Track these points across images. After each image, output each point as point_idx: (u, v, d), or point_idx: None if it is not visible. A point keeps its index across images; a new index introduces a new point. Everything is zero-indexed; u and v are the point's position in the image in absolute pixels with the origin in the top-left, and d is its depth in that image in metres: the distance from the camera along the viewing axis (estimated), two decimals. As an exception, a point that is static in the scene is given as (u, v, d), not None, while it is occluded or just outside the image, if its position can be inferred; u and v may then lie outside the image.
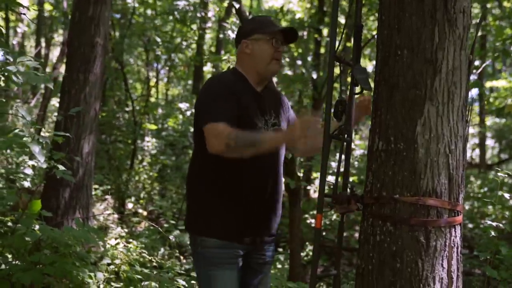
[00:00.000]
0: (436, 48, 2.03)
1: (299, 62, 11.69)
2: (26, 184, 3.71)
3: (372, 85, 2.20)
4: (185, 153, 11.00)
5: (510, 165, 18.37)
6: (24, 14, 3.10)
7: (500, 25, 12.61)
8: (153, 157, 10.31)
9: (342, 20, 9.37)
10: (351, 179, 6.76)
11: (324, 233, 8.40)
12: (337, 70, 2.35)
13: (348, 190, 2.26)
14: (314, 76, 9.32)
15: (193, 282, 4.25)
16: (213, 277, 2.43)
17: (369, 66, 12.85)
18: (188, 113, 10.20)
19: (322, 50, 12.03)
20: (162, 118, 12.17)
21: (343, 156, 2.30)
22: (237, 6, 4.32)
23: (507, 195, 3.38)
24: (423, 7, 2.04)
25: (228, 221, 2.42)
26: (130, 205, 8.66)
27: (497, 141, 19.85)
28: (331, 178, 6.93)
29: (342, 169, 2.31)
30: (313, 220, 8.24)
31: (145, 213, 8.43)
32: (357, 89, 2.27)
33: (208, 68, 13.90)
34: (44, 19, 15.16)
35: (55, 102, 13.00)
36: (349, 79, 2.34)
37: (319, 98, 8.89)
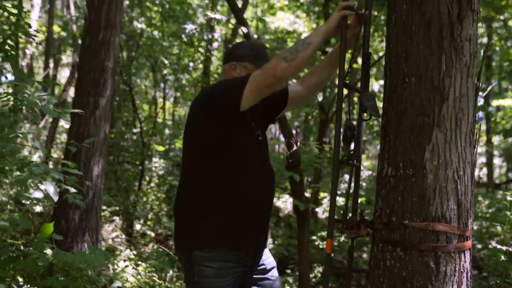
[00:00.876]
0: (443, 76, 2.07)
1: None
2: (37, 208, 3.74)
3: (381, 111, 2.24)
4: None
5: (518, 184, 18.30)
6: (33, 39, 3.17)
7: (506, 45, 12.66)
8: (160, 178, 10.36)
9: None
10: (359, 200, 6.76)
11: (332, 254, 8.38)
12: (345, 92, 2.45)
13: (357, 215, 2.28)
14: (320, 98, 9.37)
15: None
16: None
17: (376, 85, 12.90)
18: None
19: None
20: (170, 138, 12.24)
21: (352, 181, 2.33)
22: (245, 30, 4.39)
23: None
24: (430, 35, 2.08)
25: (240, 225, 2.42)
26: (138, 227, 8.68)
27: (505, 160, 19.82)
28: (339, 200, 6.95)
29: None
30: (321, 242, 8.23)
31: (153, 235, 8.45)
32: (366, 115, 2.30)
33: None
34: (52, 40, 15.34)
35: (63, 123, 13.10)
36: (354, 98, 2.38)
37: (326, 119, 8.93)
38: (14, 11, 3.68)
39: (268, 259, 2.65)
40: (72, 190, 3.60)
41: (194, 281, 2.45)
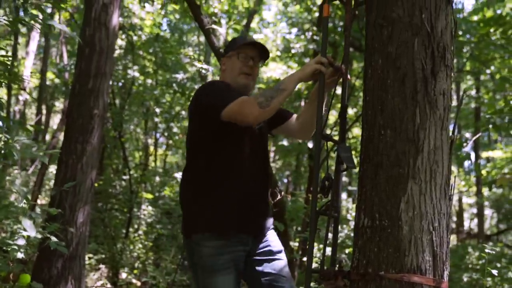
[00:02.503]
0: (418, 128, 2.11)
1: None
2: (19, 255, 3.71)
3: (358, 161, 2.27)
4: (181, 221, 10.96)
5: (509, 236, 18.24)
6: (24, 89, 3.21)
7: (494, 97, 12.86)
8: (148, 226, 10.27)
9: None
10: (346, 250, 6.72)
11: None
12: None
13: (335, 265, 2.28)
14: (310, 145, 9.42)
15: None
16: (211, 285, 2.49)
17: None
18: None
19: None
20: (159, 186, 12.20)
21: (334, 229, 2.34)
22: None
23: (494, 271, 3.38)
24: (405, 89, 2.13)
25: (226, 212, 2.52)
26: (124, 275, 8.55)
27: (495, 211, 19.78)
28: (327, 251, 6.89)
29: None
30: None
31: (139, 284, 8.32)
32: (343, 167, 2.33)
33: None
34: (46, 87, 15.46)
35: (53, 169, 13.05)
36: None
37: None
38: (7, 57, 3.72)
39: (275, 241, 2.72)
40: (53, 239, 3.58)
41: (194, 262, 2.56)
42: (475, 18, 10.16)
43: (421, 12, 2.16)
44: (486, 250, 3.43)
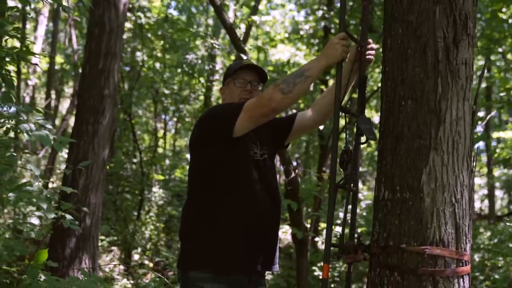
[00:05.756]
0: (440, 99, 2.06)
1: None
2: (33, 234, 3.70)
3: (378, 134, 2.23)
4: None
5: (520, 216, 18.17)
6: (37, 64, 3.17)
7: (505, 77, 12.73)
8: (160, 207, 10.30)
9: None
10: (359, 229, 6.71)
11: (332, 285, 8.28)
12: (342, 121, 2.48)
13: (355, 239, 2.25)
14: (321, 127, 9.37)
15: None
16: None
17: (376, 117, 12.92)
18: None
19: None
20: (170, 168, 12.22)
21: (349, 206, 2.30)
22: (244, 58, 4.42)
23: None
24: (426, 59, 2.08)
25: (228, 250, 2.38)
26: (136, 257, 8.59)
27: (506, 192, 19.69)
28: (338, 229, 6.90)
29: (349, 219, 2.31)
30: (321, 272, 8.12)
31: (151, 265, 8.36)
32: (363, 139, 2.29)
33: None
34: (55, 71, 15.46)
35: (63, 153, 13.08)
36: (354, 129, 2.36)
37: (326, 148, 8.92)
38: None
39: None
40: (68, 217, 3.57)
41: None
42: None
43: (443, -21, 2.10)
44: (508, 224, 3.39)
